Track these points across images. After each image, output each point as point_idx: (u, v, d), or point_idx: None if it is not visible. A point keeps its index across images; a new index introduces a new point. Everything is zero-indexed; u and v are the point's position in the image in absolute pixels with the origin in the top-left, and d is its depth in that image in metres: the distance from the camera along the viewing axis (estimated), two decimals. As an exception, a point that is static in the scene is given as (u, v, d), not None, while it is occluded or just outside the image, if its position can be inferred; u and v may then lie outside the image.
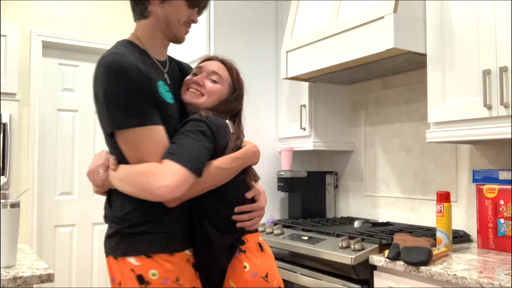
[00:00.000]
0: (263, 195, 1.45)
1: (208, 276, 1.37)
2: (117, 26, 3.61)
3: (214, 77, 1.44)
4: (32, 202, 3.24)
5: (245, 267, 1.32)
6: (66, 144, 3.49)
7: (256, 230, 1.43)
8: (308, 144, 2.67)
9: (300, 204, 2.76)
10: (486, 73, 1.70)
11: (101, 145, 3.60)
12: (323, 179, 2.86)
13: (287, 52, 2.53)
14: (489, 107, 1.69)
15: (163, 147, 1.24)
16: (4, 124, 3.04)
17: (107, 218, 1.35)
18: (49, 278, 1.49)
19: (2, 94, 3.08)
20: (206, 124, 1.29)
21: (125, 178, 1.25)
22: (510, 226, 1.85)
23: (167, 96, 1.32)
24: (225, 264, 1.35)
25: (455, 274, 1.49)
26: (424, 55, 1.98)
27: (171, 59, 1.51)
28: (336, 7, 2.24)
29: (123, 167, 1.27)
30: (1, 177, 3.00)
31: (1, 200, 1.54)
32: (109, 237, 1.32)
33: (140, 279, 1.25)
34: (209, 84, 1.43)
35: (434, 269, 1.56)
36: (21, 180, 3.22)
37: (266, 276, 1.33)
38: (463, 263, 1.64)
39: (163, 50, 1.42)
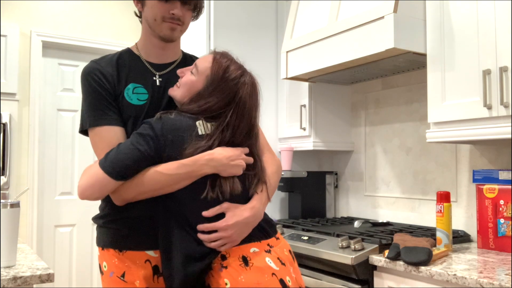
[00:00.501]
0: (231, 212, 1.25)
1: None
2: (117, 26, 3.61)
3: (193, 70, 1.35)
4: (32, 202, 3.24)
5: (226, 283, 1.19)
6: (66, 144, 3.49)
7: (249, 240, 1.26)
8: (308, 144, 2.67)
9: (300, 204, 2.76)
10: (486, 73, 1.70)
11: (101, 145, 3.60)
12: (323, 179, 2.85)
13: (287, 52, 2.53)
14: (489, 107, 1.69)
15: (110, 146, 1.30)
16: (4, 124, 3.04)
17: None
18: (49, 278, 1.49)
19: (2, 94, 3.08)
20: (151, 127, 1.25)
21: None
22: (510, 226, 1.85)
23: (134, 98, 1.37)
24: (189, 277, 1.23)
25: (455, 274, 1.49)
26: (424, 55, 1.98)
27: (190, 59, 1.52)
28: (336, 7, 2.24)
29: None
30: (1, 177, 3.00)
31: (1, 200, 1.54)
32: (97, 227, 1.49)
33: (100, 267, 1.42)
34: (184, 77, 1.36)
35: (434, 269, 1.56)
36: (21, 180, 3.22)
37: None
38: (463, 263, 1.64)
39: (160, 51, 1.44)
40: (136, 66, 1.42)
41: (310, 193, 2.80)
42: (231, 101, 1.29)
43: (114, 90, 1.36)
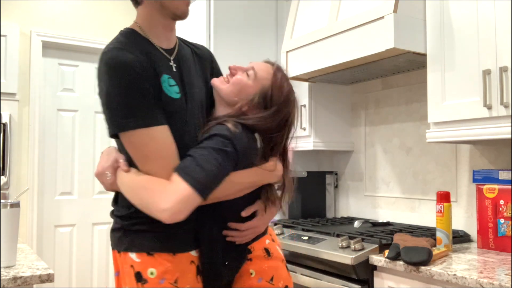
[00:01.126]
0: (264, 213, 1.34)
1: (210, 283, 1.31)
2: (117, 26, 3.61)
3: (250, 72, 1.33)
4: (32, 202, 3.24)
5: (251, 273, 1.32)
6: (66, 144, 3.49)
7: (263, 233, 1.39)
8: (308, 144, 2.67)
9: (300, 204, 2.76)
10: (486, 73, 1.70)
11: (101, 145, 3.60)
12: (323, 179, 2.86)
13: (287, 52, 2.53)
14: (489, 107, 1.69)
15: (167, 147, 1.18)
16: (4, 124, 3.04)
17: (113, 213, 1.33)
18: (49, 278, 1.49)
19: (2, 94, 3.08)
20: (232, 144, 1.19)
21: (131, 188, 1.19)
22: (510, 226, 1.85)
23: (172, 91, 1.23)
24: (230, 274, 1.32)
25: (455, 274, 1.49)
26: (424, 55, 1.98)
27: (184, 42, 1.41)
28: (336, 7, 2.24)
29: (131, 174, 1.21)
30: (1, 177, 3.00)
31: (1, 200, 1.54)
32: (113, 231, 1.31)
33: (138, 276, 1.21)
34: (238, 76, 1.34)
35: (434, 269, 1.56)
36: (21, 180, 3.22)
37: (272, 279, 1.33)
38: (463, 263, 1.64)
39: (168, 34, 1.31)
40: (152, 52, 1.25)
41: (310, 193, 2.80)
42: (285, 124, 1.34)
43: (155, 85, 1.19)
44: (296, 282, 2.08)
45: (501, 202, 1.88)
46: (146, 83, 1.16)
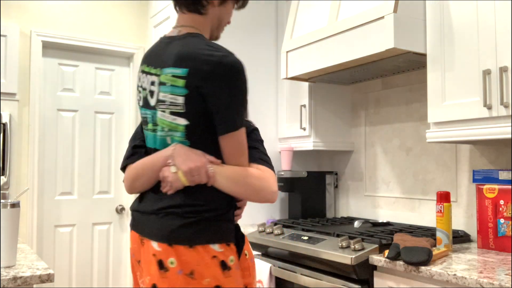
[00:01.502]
0: None
1: None
2: (117, 26, 3.61)
3: None
4: (32, 202, 3.24)
5: (246, 254, 1.42)
6: (66, 144, 3.49)
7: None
8: (308, 144, 2.67)
9: (300, 204, 2.76)
10: (486, 73, 1.70)
11: (101, 145, 3.60)
12: (323, 179, 2.85)
13: (287, 52, 2.53)
14: (489, 107, 1.69)
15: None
16: (4, 124, 3.04)
17: (181, 207, 1.30)
18: (49, 278, 1.49)
19: (2, 94, 3.08)
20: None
21: (236, 179, 1.31)
22: (510, 226, 1.85)
23: None
24: None
25: (455, 274, 1.49)
26: (424, 55, 1.98)
27: None
28: (336, 7, 2.24)
29: (230, 167, 1.33)
30: (1, 177, 3.00)
31: (1, 200, 1.54)
32: (184, 226, 1.28)
33: (223, 265, 1.27)
34: None
35: (434, 269, 1.56)
36: (21, 180, 3.22)
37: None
38: (463, 263, 1.64)
39: None
40: None
41: (310, 193, 2.80)
42: None
43: None
44: (296, 282, 2.08)
45: (501, 202, 1.88)
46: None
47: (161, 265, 1.26)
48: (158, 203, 1.33)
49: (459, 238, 2.06)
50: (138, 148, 1.49)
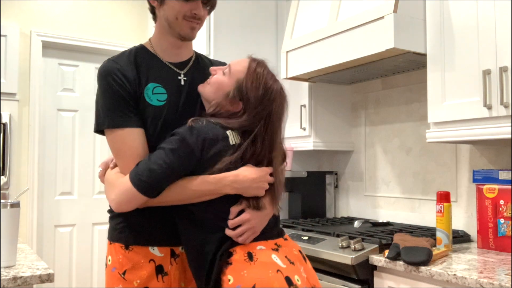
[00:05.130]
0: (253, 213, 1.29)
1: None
2: (117, 26, 3.61)
3: (226, 70, 1.35)
4: (32, 202, 3.24)
5: (229, 280, 1.17)
6: (66, 144, 3.49)
7: (256, 239, 1.27)
8: (308, 144, 2.67)
9: (300, 204, 2.76)
10: (486, 73, 1.70)
11: (101, 145, 3.60)
12: (323, 179, 2.85)
13: (287, 52, 2.53)
14: (489, 107, 1.69)
15: (134, 147, 1.30)
16: (4, 124, 3.04)
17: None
18: (49, 278, 1.49)
19: (2, 94, 3.08)
20: (183, 140, 1.22)
21: (105, 182, 1.37)
22: (510, 226, 1.85)
23: (153, 98, 1.35)
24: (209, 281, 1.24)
25: (455, 274, 1.49)
26: (424, 55, 1.98)
27: (202, 58, 1.52)
28: (336, 7, 2.24)
29: (111, 172, 1.37)
30: (1, 177, 3.00)
31: (1, 200, 1.54)
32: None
33: (107, 260, 1.41)
34: (215, 75, 1.36)
35: (434, 269, 1.56)
36: (21, 180, 3.22)
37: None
38: (463, 263, 1.64)
39: (176, 50, 1.43)
40: (154, 65, 1.39)
41: (310, 193, 2.80)
42: (263, 117, 1.29)
43: (135, 91, 1.33)
44: (296, 282, 2.08)
45: (501, 202, 1.88)
46: (121, 89, 1.31)
47: None
48: None
49: (459, 238, 2.06)
50: None
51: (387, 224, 2.40)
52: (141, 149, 1.31)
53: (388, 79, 2.61)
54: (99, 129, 1.36)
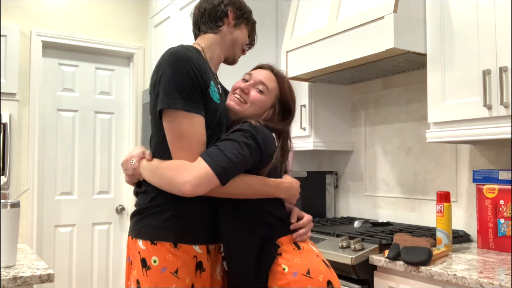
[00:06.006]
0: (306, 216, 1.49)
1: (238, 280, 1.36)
2: (117, 26, 3.61)
3: (260, 87, 1.45)
4: (32, 202, 3.24)
5: (284, 269, 1.29)
6: (66, 144, 3.49)
7: (293, 231, 1.39)
8: (308, 144, 2.67)
9: (300, 204, 2.76)
10: (486, 73, 1.70)
11: (101, 145, 3.60)
12: (323, 179, 2.85)
13: (287, 52, 2.53)
14: (489, 107, 1.69)
15: (199, 134, 1.32)
16: (4, 124, 3.04)
17: (135, 206, 1.44)
18: (49, 278, 1.49)
19: (2, 94, 3.08)
20: (253, 137, 1.31)
21: (154, 170, 1.33)
22: (510, 226, 1.85)
23: (215, 96, 1.41)
24: (261, 274, 1.32)
25: (455, 274, 1.49)
26: (424, 55, 1.98)
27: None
28: (336, 7, 2.24)
29: (155, 160, 1.36)
30: (1, 177, 3.00)
31: (1, 200, 1.55)
32: (131, 217, 1.43)
33: (143, 262, 1.32)
34: (253, 93, 1.45)
35: (434, 269, 1.56)
36: (21, 180, 3.22)
37: (308, 272, 1.28)
38: (463, 263, 1.64)
39: (218, 65, 1.56)
40: (207, 68, 1.45)
41: (310, 193, 2.80)
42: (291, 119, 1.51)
43: (204, 84, 1.36)
44: (296, 282, 2.08)
45: (501, 202, 1.88)
46: (200, 77, 1.34)
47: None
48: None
49: (459, 238, 2.06)
50: None
51: (387, 224, 2.40)
52: (205, 137, 1.35)
53: (388, 79, 2.61)
54: (169, 108, 1.32)
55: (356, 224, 2.34)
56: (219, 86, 1.50)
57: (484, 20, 1.73)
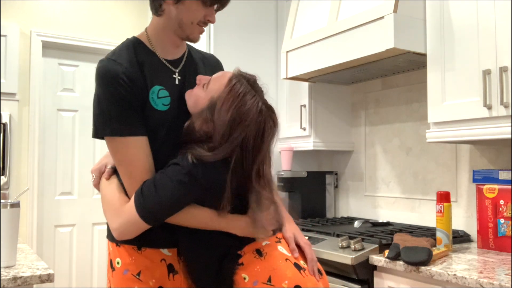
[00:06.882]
0: (308, 246, 1.33)
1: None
2: (117, 26, 3.61)
3: (205, 84, 1.28)
4: (32, 202, 3.24)
5: (244, 278, 1.21)
6: (66, 144, 3.49)
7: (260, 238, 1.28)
8: (308, 144, 2.67)
9: (300, 204, 2.76)
10: (486, 73, 1.70)
11: (101, 145, 3.60)
12: (323, 179, 2.85)
13: (287, 52, 2.53)
14: (489, 107, 1.69)
15: (138, 158, 1.23)
16: (4, 124, 3.04)
17: None
18: (49, 278, 1.49)
19: (2, 94, 3.08)
20: (190, 174, 1.16)
21: (102, 196, 1.31)
22: (510, 226, 1.85)
23: (159, 103, 1.28)
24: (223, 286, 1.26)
25: (455, 274, 1.49)
26: (424, 55, 1.98)
27: (193, 50, 1.45)
28: (336, 7, 2.24)
29: (107, 183, 1.31)
30: (1, 177, 3.00)
31: (1, 200, 1.54)
32: None
33: (111, 263, 1.34)
34: (195, 88, 1.30)
35: (434, 269, 1.56)
36: (21, 180, 3.22)
37: (269, 280, 1.19)
38: (463, 263, 1.64)
39: (175, 49, 1.36)
40: (154, 64, 1.30)
41: (310, 193, 2.80)
42: (237, 144, 1.20)
43: (142, 96, 1.24)
44: (296, 282, 2.08)
45: (501, 202, 1.88)
46: (128, 95, 1.22)
47: None
48: None
49: (459, 238, 2.06)
50: None
51: (387, 224, 2.40)
52: (146, 159, 1.25)
53: (388, 79, 2.61)
54: (99, 136, 1.27)
55: (356, 224, 2.34)
56: (178, 81, 1.33)
57: (484, 20, 1.73)
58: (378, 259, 1.78)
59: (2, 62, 3.07)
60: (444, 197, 1.87)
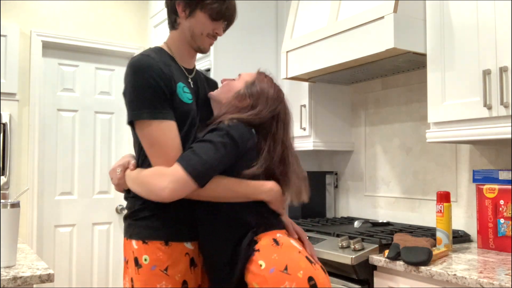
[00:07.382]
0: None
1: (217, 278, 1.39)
2: (117, 26, 3.61)
3: (236, 77, 1.52)
4: (32, 202, 3.24)
5: (260, 265, 1.27)
6: (66, 144, 3.48)
7: (275, 228, 1.40)
8: (308, 144, 2.67)
9: (300, 204, 2.76)
10: (486, 73, 1.70)
11: (101, 145, 3.60)
12: (323, 179, 2.85)
13: (287, 52, 2.53)
14: (489, 107, 1.69)
15: (171, 140, 1.36)
16: (4, 124, 3.04)
17: (127, 209, 1.50)
18: (49, 278, 1.49)
19: (2, 94, 3.08)
20: (228, 135, 1.31)
21: (135, 179, 1.37)
22: (510, 226, 1.85)
23: (185, 96, 1.43)
24: (236, 269, 1.32)
25: (455, 274, 1.49)
26: (424, 55, 1.98)
27: (200, 71, 1.66)
28: (336, 7, 2.24)
29: (137, 170, 1.40)
30: (1, 177, 3.00)
31: (1, 200, 1.55)
32: (124, 220, 1.48)
33: (136, 261, 1.38)
34: (224, 83, 1.52)
35: (434, 269, 1.56)
36: (21, 180, 3.22)
37: (286, 268, 1.25)
38: (463, 263, 1.64)
39: (190, 59, 1.56)
40: (175, 67, 1.49)
41: (310, 193, 2.79)
42: (277, 119, 1.44)
43: (171, 88, 1.39)
44: (296, 282, 2.08)
45: (501, 202, 1.88)
46: (161, 83, 1.37)
47: None
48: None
49: (459, 238, 2.06)
50: None
51: (387, 224, 2.40)
52: (178, 141, 1.37)
53: (388, 79, 2.61)
54: (135, 119, 1.37)
55: (356, 224, 2.34)
56: (192, 85, 1.52)
57: (484, 20, 1.73)
58: (378, 259, 1.78)
59: (2, 62, 3.06)
60: (444, 197, 1.87)
